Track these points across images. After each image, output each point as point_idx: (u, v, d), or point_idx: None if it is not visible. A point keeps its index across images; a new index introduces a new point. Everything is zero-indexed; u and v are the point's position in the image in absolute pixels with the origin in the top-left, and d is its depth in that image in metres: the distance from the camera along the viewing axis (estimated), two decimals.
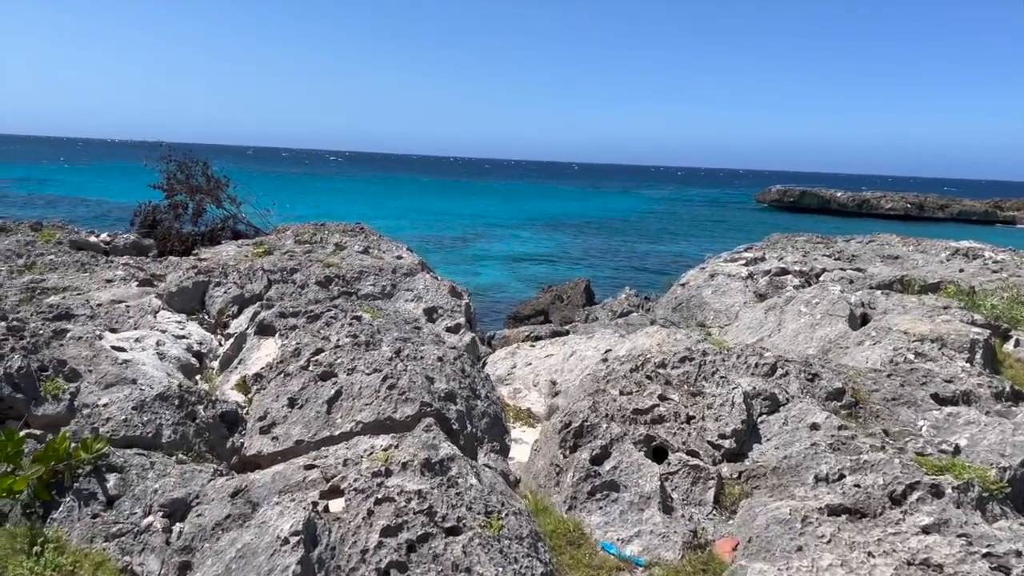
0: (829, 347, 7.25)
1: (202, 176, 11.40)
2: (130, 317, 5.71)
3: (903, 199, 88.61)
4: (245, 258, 9.40)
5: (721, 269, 10.57)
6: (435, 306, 8.24)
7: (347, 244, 9.90)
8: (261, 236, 11.32)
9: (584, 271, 40.10)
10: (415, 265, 9.24)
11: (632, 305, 12.72)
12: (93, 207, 57.62)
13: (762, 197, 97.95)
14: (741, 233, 60.31)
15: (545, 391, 7.32)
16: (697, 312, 10.13)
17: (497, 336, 11.79)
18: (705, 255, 45.48)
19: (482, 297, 32.45)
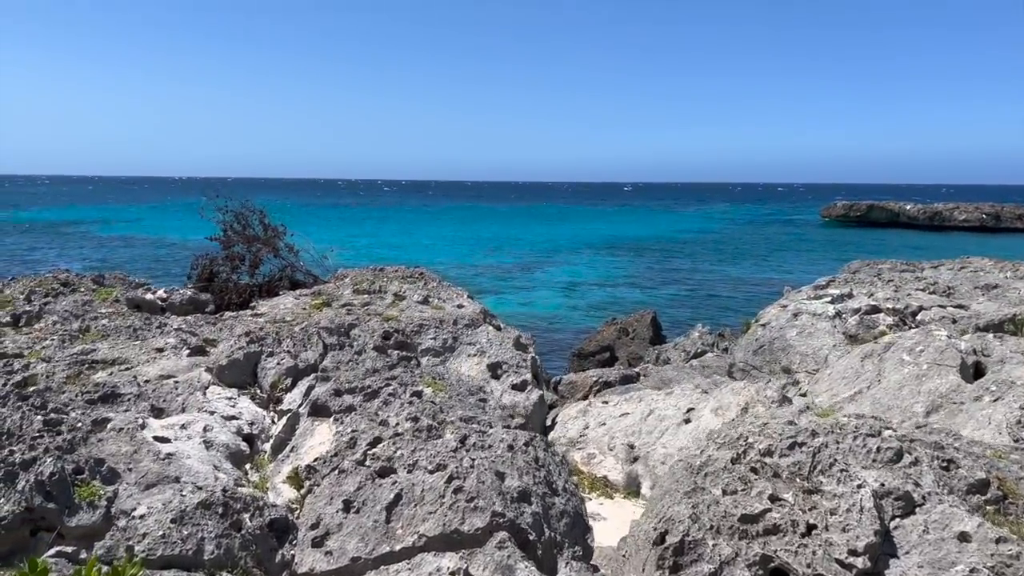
0: (940, 403, 6.47)
1: (259, 225, 11.19)
2: (179, 395, 5.35)
3: (978, 209, 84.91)
4: (303, 311, 9.09)
5: (805, 307, 9.81)
6: (499, 361, 7.73)
7: (406, 293, 9.50)
8: (319, 285, 11.02)
9: (646, 297, 39.21)
10: (477, 315, 8.76)
11: (706, 344, 11.99)
12: (167, 247, 59.34)
13: (827, 212, 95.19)
14: (813, 254, 58.47)
15: (622, 456, 6.72)
16: (781, 356, 9.39)
17: (564, 381, 11.20)
18: (775, 277, 44.41)
19: (542, 327, 31.92)
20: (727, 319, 32.26)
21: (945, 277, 12.18)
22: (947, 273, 12.54)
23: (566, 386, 11.14)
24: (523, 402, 7.24)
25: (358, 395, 4.86)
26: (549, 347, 27.33)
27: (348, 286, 10.24)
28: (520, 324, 32.16)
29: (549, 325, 32.23)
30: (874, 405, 6.75)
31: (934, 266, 13.79)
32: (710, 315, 33.37)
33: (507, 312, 35.45)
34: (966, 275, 12.15)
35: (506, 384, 7.45)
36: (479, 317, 8.69)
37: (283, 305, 9.59)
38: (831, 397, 7.35)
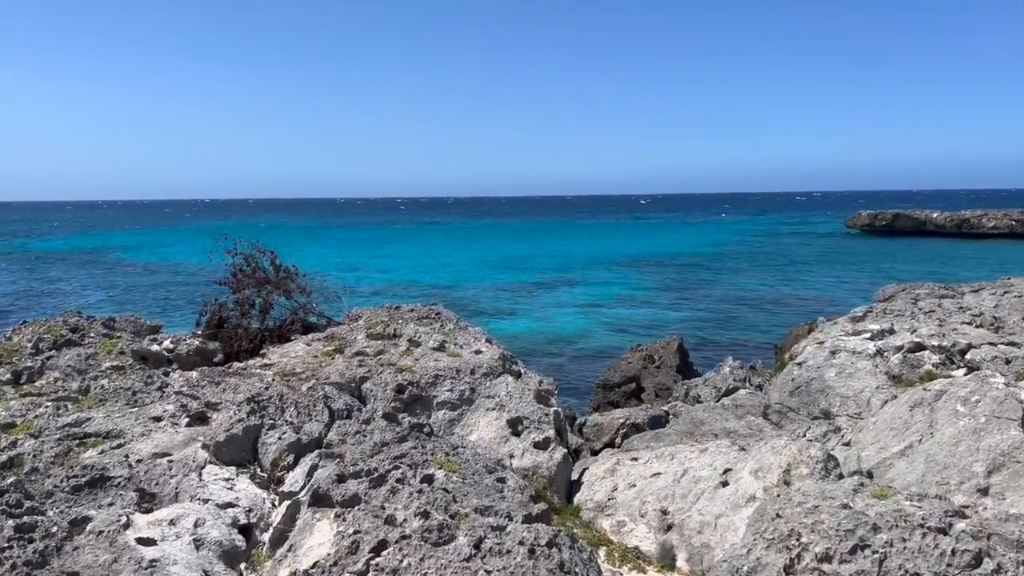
0: (1002, 461, 5.90)
1: (270, 266, 10.84)
2: (172, 476, 4.94)
3: (1007, 216, 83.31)
4: (314, 359, 8.70)
5: (843, 344, 9.25)
6: (520, 416, 7.26)
7: (421, 338, 9.07)
8: (333, 327, 10.64)
9: (667, 316, 38.58)
10: (495, 362, 8.31)
11: (737, 380, 11.44)
12: (188, 274, 59.56)
13: (852, 222, 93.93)
14: (841, 266, 57.44)
15: (655, 524, 6.20)
16: (820, 398, 8.83)
17: (589, 423, 10.69)
18: (802, 292, 43.47)
19: (563, 350, 31.39)
20: (754, 340, 31.54)
21: (988, 304, 11.56)
22: (990, 299, 11.91)
23: (591, 429, 10.63)
24: (546, 463, 6.76)
25: (363, 480, 4.41)
26: (571, 372, 26.81)
27: (362, 329, 9.83)
28: (540, 347, 31.68)
29: (570, 347, 31.69)
30: (928, 463, 6.20)
31: (975, 290, 13.16)
32: (735, 335, 32.64)
33: (526, 334, 34.99)
34: (1010, 301, 11.52)
35: (527, 442, 6.98)
36: (498, 364, 8.23)
37: (294, 352, 9.21)
38: (879, 451, 6.80)
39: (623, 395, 15.72)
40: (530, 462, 6.78)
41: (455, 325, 9.93)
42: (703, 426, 9.49)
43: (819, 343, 9.68)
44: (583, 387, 24.74)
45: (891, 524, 3.72)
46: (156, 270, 63.83)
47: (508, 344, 32.23)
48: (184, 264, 67.21)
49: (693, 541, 5.90)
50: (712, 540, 5.84)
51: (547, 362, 28.57)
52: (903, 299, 12.96)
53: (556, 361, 29.30)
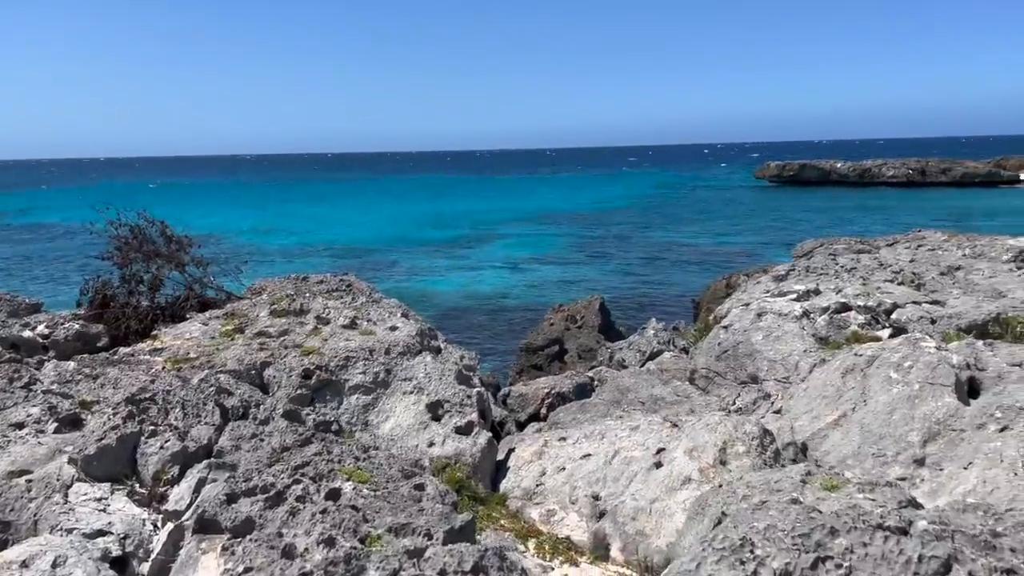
0: (938, 430, 5.75)
1: (161, 238, 9.87)
2: (32, 500, 4.22)
3: (904, 165, 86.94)
4: (211, 342, 7.92)
5: (769, 306, 9.05)
6: (440, 400, 6.73)
7: (330, 314, 8.38)
8: (233, 302, 9.81)
9: (587, 271, 38.61)
10: (412, 339, 7.71)
11: (661, 342, 11.20)
12: (90, 235, 55.73)
13: (761, 173, 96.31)
14: (751, 218, 58.64)
15: (587, 511, 5.82)
16: (747, 362, 8.62)
17: (513, 394, 10.27)
18: (715, 244, 44.04)
19: (488, 308, 30.96)
20: (672, 295, 31.73)
21: (904, 258, 11.63)
22: (905, 252, 12.00)
23: (516, 399, 10.23)
24: (469, 449, 6.28)
25: (258, 499, 3.81)
26: (493, 333, 26.44)
27: (265, 305, 9.06)
28: (461, 307, 31.10)
29: (491, 306, 31.29)
30: (864, 434, 6.00)
31: (889, 244, 13.28)
32: (653, 291, 32.78)
33: (447, 293, 34.39)
34: (924, 255, 11.62)
35: (449, 427, 6.47)
36: (415, 342, 7.64)
37: (189, 334, 8.39)
38: (812, 420, 6.59)
39: (546, 358, 15.40)
40: (452, 449, 6.28)
41: (368, 298, 9.27)
42: (629, 393, 9.20)
43: (744, 305, 9.47)
44: (505, 348, 24.41)
45: (848, 525, 3.38)
46: (53, 236, 59.79)
47: (429, 306, 31.50)
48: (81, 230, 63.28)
49: (627, 529, 5.55)
50: (647, 527, 5.49)
51: (469, 323, 28.13)
52: (822, 254, 12.96)
53: (477, 320, 28.89)
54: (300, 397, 6.75)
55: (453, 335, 26.41)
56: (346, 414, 6.80)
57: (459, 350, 8.43)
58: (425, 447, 6.35)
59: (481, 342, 25.43)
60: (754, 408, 7.66)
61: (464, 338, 26.00)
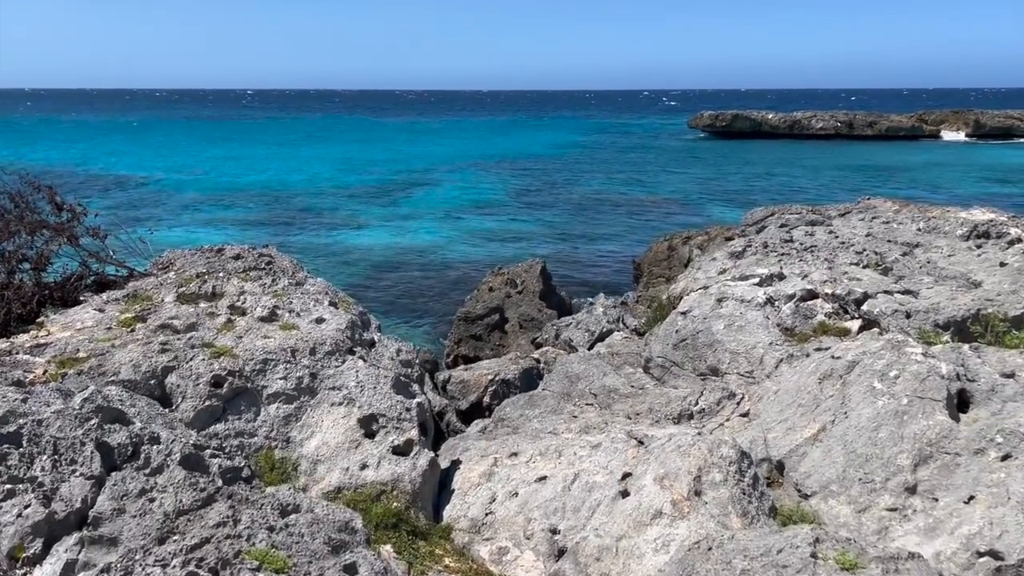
0: (930, 453, 5.21)
1: (49, 206, 8.57)
2: None
3: (833, 118, 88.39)
4: (105, 335, 6.83)
5: (730, 291, 8.42)
6: (375, 413, 5.87)
7: (247, 301, 7.36)
8: (136, 279, 8.65)
9: (522, 225, 37.78)
10: (342, 335, 6.79)
11: (611, 321, 10.52)
12: None
13: (695, 122, 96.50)
14: (689, 170, 58.46)
15: (544, 549, 5.11)
16: (707, 353, 8.00)
17: (454, 380, 9.46)
18: (648, 195, 43.36)
19: (420, 263, 29.86)
20: (611, 252, 31.21)
21: (860, 232, 11.19)
22: (860, 225, 11.56)
23: (456, 386, 9.44)
24: (408, 473, 5.46)
25: None
26: (427, 293, 25.45)
27: (172, 287, 7.95)
28: (393, 263, 29.90)
29: (424, 261, 30.20)
30: (848, 454, 5.43)
31: (841, 214, 12.85)
32: (592, 248, 32.03)
33: (378, 247, 33.05)
34: (880, 229, 11.20)
35: (385, 447, 5.63)
36: (345, 338, 6.72)
37: (81, 322, 7.26)
38: (787, 432, 6.00)
39: (486, 328, 14.63)
40: (389, 474, 5.45)
41: (291, 279, 8.24)
42: (580, 382, 8.51)
43: (702, 288, 8.82)
44: (440, 308, 23.53)
45: None
46: None
47: (357, 261, 30.05)
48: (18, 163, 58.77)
49: (590, 572, 4.86)
50: (613, 570, 4.82)
51: (400, 279, 27.08)
52: (774, 225, 12.45)
53: (410, 276, 27.87)
54: (209, 410, 5.79)
55: (384, 296, 25.47)
56: (264, 428, 5.89)
57: (395, 342, 7.55)
58: (357, 470, 5.50)
59: (413, 302, 24.50)
60: (718, 409, 7.07)
61: (396, 298, 25.00)
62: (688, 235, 19.64)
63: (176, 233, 35.40)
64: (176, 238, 34.31)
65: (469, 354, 14.50)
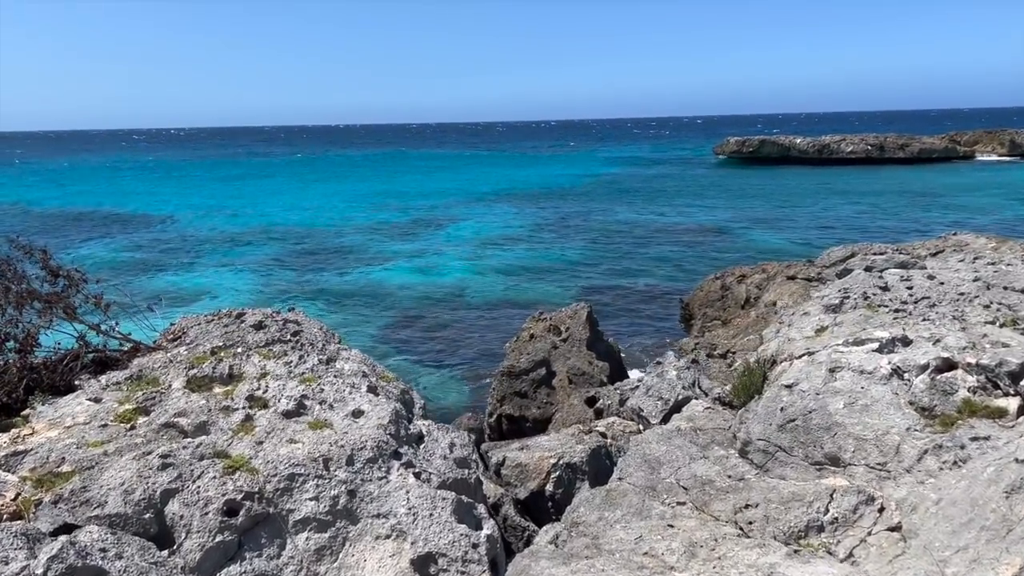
0: None
1: (42, 270, 7.41)
2: None
3: (863, 141, 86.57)
4: (97, 439, 5.57)
5: (845, 360, 7.01)
6: (432, 552, 4.52)
7: (268, 390, 6.08)
8: (142, 356, 7.43)
9: (555, 260, 36.44)
10: (385, 435, 5.47)
11: (686, 385, 9.12)
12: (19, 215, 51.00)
13: (720, 149, 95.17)
14: (722, 196, 56.80)
15: None
16: (824, 438, 6.57)
17: (509, 463, 8.09)
18: (684, 222, 41.68)
19: (451, 304, 28.51)
20: (652, 286, 29.44)
21: (965, 276, 9.73)
22: (963, 268, 10.11)
23: (513, 470, 8.07)
24: None
25: None
26: (463, 338, 24.04)
27: (182, 367, 6.72)
28: (423, 304, 28.59)
29: (456, 302, 28.89)
30: None
31: (932, 253, 11.41)
32: (632, 281, 30.17)
33: (405, 286, 31.80)
34: (989, 273, 9.72)
35: None
36: (388, 437, 5.41)
37: (72, 416, 6.02)
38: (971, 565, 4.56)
39: (531, 383, 13.27)
40: None
41: (320, 355, 6.95)
42: (664, 470, 7.11)
43: (807, 354, 7.41)
44: (475, 354, 22.21)
45: None
46: None
47: (385, 306, 28.65)
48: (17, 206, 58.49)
49: None
50: None
51: (431, 325, 25.80)
52: (859, 268, 11.03)
53: (441, 321, 26.56)
54: (220, 548, 4.49)
55: (414, 343, 24.17)
56: (291, 567, 4.57)
57: (447, 434, 6.21)
58: None
59: (445, 346, 23.20)
60: (855, 518, 5.63)
61: (426, 341, 23.69)
62: (742, 272, 18.21)
63: (197, 275, 34.54)
64: (198, 280, 33.44)
65: (514, 413, 13.14)
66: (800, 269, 16.54)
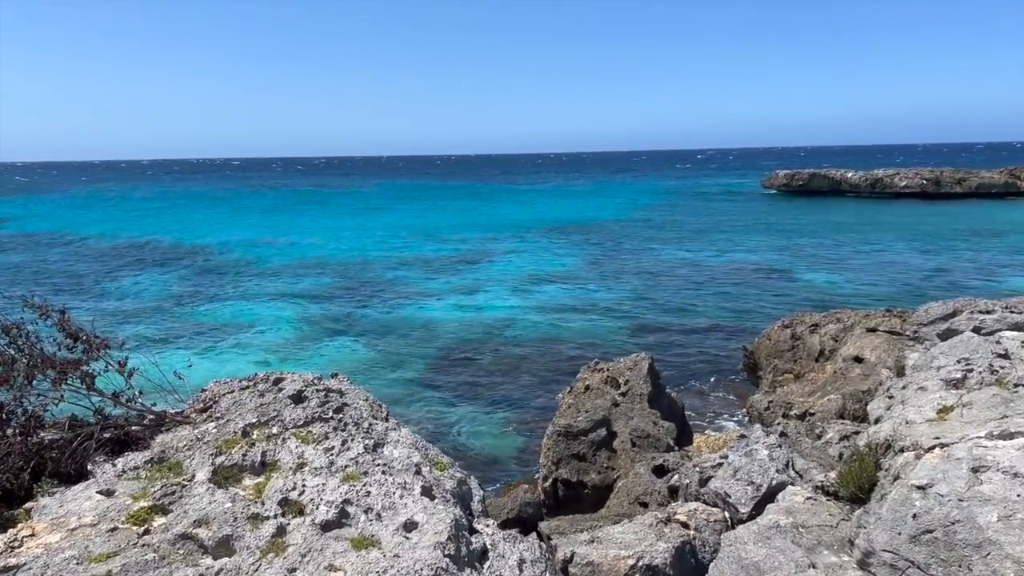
0: None
1: (60, 332, 6.62)
2: None
3: (918, 175, 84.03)
4: (105, 546, 4.66)
5: (992, 458, 5.83)
6: None
7: (306, 491, 5.12)
8: (165, 432, 6.56)
9: (605, 295, 35.28)
10: (442, 556, 4.45)
11: (779, 466, 7.94)
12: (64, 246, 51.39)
13: (769, 183, 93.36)
14: (773, 233, 55.00)
15: None
16: (973, 558, 5.38)
17: (579, 561, 6.99)
18: (740, 260, 40.01)
19: (496, 342, 27.39)
20: (709, 327, 27.75)
21: None
22: None
23: (583, 569, 6.97)
24: None
25: None
26: (509, 380, 22.94)
27: (208, 451, 5.82)
28: (468, 342, 27.54)
29: (501, 340, 27.84)
30: None
31: None
32: (686, 321, 28.34)
33: (450, 323, 30.80)
34: None
35: None
36: (447, 568, 4.38)
37: (79, 515, 5.14)
38: None
39: (590, 445, 12.15)
40: None
41: (366, 437, 5.99)
42: None
43: (940, 446, 6.22)
44: (521, 398, 21.13)
45: None
46: (28, 247, 56.04)
47: (428, 345, 27.56)
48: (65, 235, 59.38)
49: None
50: None
51: (476, 366, 24.81)
52: (967, 329, 9.77)
53: (484, 356, 25.56)
54: None
55: (459, 380, 23.17)
56: None
57: (515, 547, 5.17)
58: None
59: (489, 390, 22.14)
60: None
61: (471, 384, 22.66)
62: (814, 321, 16.93)
63: (239, 307, 34.15)
64: (238, 312, 33.00)
65: (572, 478, 12.03)
66: (881, 320, 15.23)
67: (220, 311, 33.77)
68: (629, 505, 10.61)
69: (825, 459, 8.52)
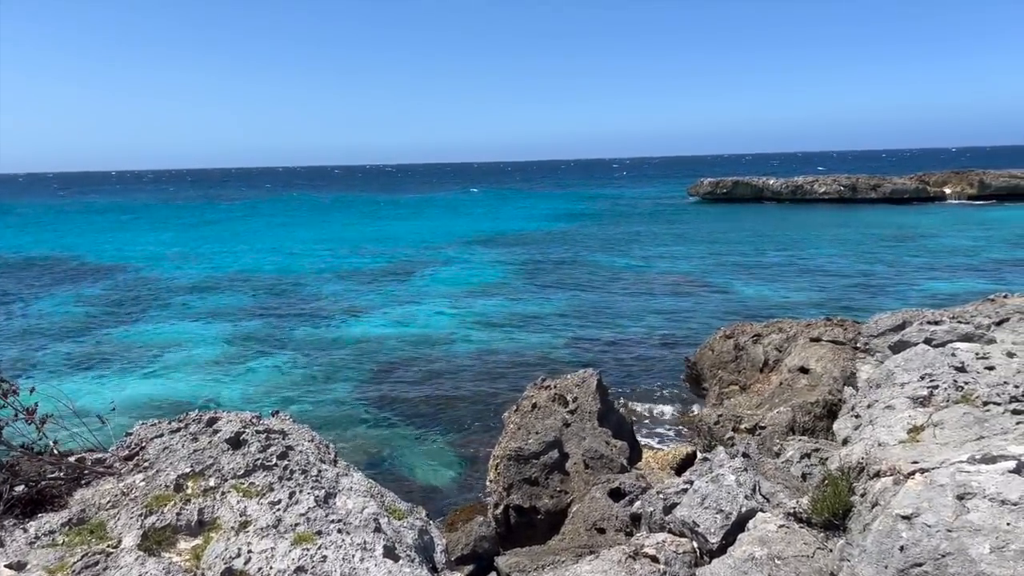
0: None
1: None
2: None
3: (836, 182, 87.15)
4: None
5: (978, 484, 5.64)
6: None
7: (252, 558, 4.52)
8: (86, 487, 5.83)
9: (539, 308, 35.00)
10: None
11: (747, 492, 7.66)
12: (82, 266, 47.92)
13: (694, 190, 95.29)
14: (695, 242, 56.04)
15: None
16: None
17: None
18: (669, 269, 40.38)
19: (438, 360, 26.58)
20: (643, 338, 27.75)
21: None
22: None
23: None
24: None
25: None
26: (455, 401, 22.14)
27: (136, 510, 5.14)
28: (408, 361, 26.60)
29: (442, 357, 27.09)
30: None
31: (996, 322, 10.17)
32: (620, 334, 28.28)
33: (388, 340, 29.79)
34: None
35: None
36: None
37: None
38: None
39: (542, 469, 11.72)
40: None
41: (315, 486, 5.40)
42: None
43: (927, 479, 6.01)
44: (466, 417, 20.51)
45: None
46: None
47: (367, 362, 26.61)
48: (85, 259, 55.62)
49: None
50: None
51: (415, 379, 24.10)
52: (919, 340, 9.75)
53: (423, 373, 24.86)
54: None
55: (400, 399, 22.37)
56: None
57: None
58: None
59: (433, 409, 21.48)
60: None
61: (414, 404, 21.84)
62: (756, 331, 16.93)
63: (166, 328, 32.52)
64: (165, 333, 31.40)
65: (524, 504, 11.57)
66: (823, 329, 15.30)
67: (141, 329, 32.12)
68: (586, 531, 10.21)
69: (790, 481, 8.30)
